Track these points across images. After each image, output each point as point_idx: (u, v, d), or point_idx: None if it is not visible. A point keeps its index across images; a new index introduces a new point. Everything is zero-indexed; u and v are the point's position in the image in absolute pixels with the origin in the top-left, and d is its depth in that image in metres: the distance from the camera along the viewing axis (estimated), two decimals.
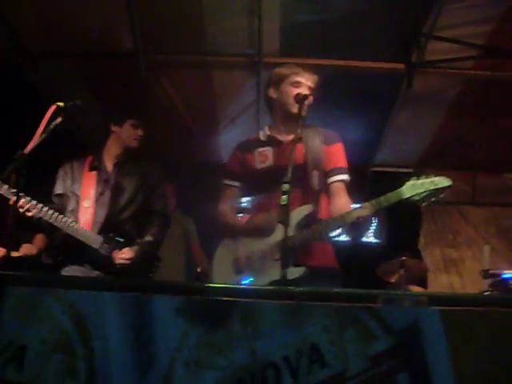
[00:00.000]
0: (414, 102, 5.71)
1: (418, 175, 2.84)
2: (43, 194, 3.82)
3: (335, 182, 3.20)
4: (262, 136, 3.36)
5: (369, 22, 4.77)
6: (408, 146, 6.71)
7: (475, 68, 5.23)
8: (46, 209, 3.67)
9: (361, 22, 4.78)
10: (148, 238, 3.98)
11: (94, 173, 3.97)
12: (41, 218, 3.67)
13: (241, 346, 1.52)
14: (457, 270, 6.95)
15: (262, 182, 3.22)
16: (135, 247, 3.88)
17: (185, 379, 1.50)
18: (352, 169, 3.32)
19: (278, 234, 2.96)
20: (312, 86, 3.26)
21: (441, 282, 6.94)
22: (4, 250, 4.69)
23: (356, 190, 5.01)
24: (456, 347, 1.49)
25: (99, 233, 3.81)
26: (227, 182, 3.39)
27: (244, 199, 3.64)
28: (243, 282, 3.06)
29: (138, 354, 1.53)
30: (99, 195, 3.91)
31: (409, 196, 2.80)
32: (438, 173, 6.90)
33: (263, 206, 3.19)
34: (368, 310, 1.54)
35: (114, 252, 3.79)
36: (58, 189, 3.98)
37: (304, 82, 3.23)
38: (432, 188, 2.80)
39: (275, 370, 1.50)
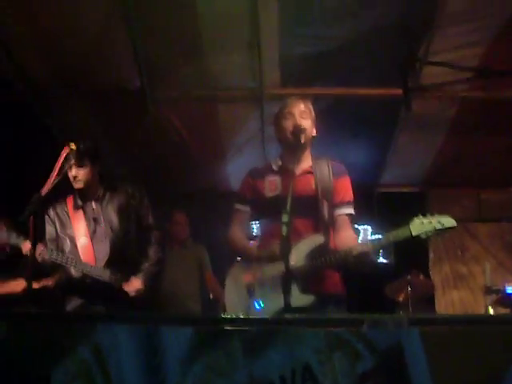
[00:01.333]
0: (414, 124, 5.87)
1: (423, 214, 2.94)
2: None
3: (341, 215, 3.31)
4: (274, 165, 3.47)
5: (365, 50, 4.95)
6: (411, 167, 6.87)
7: (470, 89, 5.40)
8: (54, 252, 3.84)
9: (357, 50, 4.95)
10: (150, 260, 4.07)
11: (80, 212, 4.06)
12: (51, 260, 3.81)
13: (241, 369, 1.69)
14: (467, 285, 7.03)
15: (270, 210, 3.30)
16: (141, 274, 3.98)
17: None
18: (358, 190, 3.45)
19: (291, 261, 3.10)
20: (305, 110, 3.38)
21: (451, 298, 7.03)
22: (25, 283, 4.90)
23: (363, 210, 5.20)
24: (435, 362, 1.65)
25: (106, 267, 3.91)
26: (238, 206, 3.50)
27: (254, 225, 3.75)
28: (256, 306, 3.20)
29: (149, 378, 1.70)
30: (92, 233, 4.01)
31: (416, 234, 2.91)
32: (442, 191, 7.09)
33: (271, 233, 3.28)
34: (355, 333, 1.71)
35: (124, 285, 3.90)
36: (50, 234, 4.06)
37: (294, 111, 3.36)
38: (438, 228, 2.90)
39: None
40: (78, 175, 3.97)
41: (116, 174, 4.40)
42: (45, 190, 3.43)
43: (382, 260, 7.24)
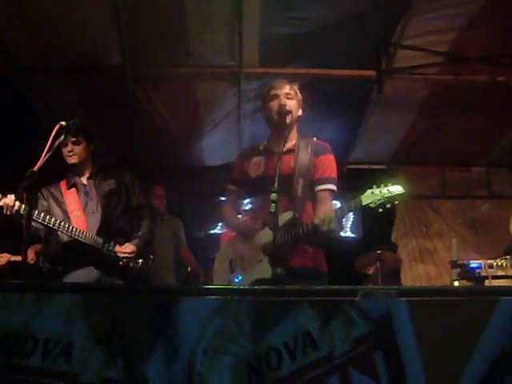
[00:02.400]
0: (384, 105, 6.06)
1: (377, 185, 3.07)
2: None
3: (321, 190, 3.45)
4: (260, 146, 3.65)
5: (342, 33, 5.08)
6: (380, 145, 7.09)
7: (440, 73, 5.63)
8: (48, 217, 3.91)
9: (334, 33, 5.10)
10: (143, 229, 4.25)
11: (73, 190, 4.22)
12: (43, 225, 3.92)
13: (248, 335, 1.89)
14: (432, 259, 7.31)
15: (255, 189, 3.52)
16: (135, 241, 4.16)
17: (205, 364, 1.87)
18: None
19: (262, 238, 3.30)
20: (289, 92, 3.52)
21: (417, 272, 7.30)
22: (8, 256, 4.99)
23: None
24: (420, 329, 1.87)
25: (97, 235, 4.05)
26: (229, 186, 3.70)
27: (244, 202, 3.93)
28: (235, 280, 3.43)
29: (165, 345, 1.88)
30: (84, 206, 4.16)
31: (367, 203, 3.03)
32: (409, 169, 7.34)
33: (257, 210, 3.53)
34: (349, 302, 1.92)
35: (116, 247, 4.06)
36: (43, 206, 4.17)
37: (279, 93, 3.50)
38: (387, 195, 3.03)
39: (277, 353, 1.87)
40: (74, 150, 4.14)
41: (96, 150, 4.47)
42: (37, 166, 3.53)
43: (350, 234, 7.50)
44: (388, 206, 3.03)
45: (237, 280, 3.40)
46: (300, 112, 3.58)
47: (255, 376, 1.86)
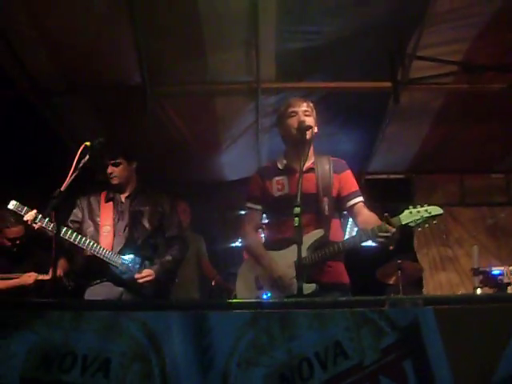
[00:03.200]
0: (401, 115, 6.09)
1: (414, 205, 3.20)
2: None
3: (356, 203, 3.57)
4: (279, 164, 3.69)
5: (357, 45, 5.15)
6: (398, 154, 7.13)
7: (455, 82, 5.66)
8: (74, 235, 4.03)
9: (349, 46, 5.15)
10: (167, 257, 4.30)
11: (110, 204, 4.34)
12: (67, 241, 4.00)
13: (280, 347, 1.94)
14: (453, 267, 7.29)
15: (278, 208, 3.57)
16: (155, 266, 4.21)
17: (239, 376, 1.93)
18: None
19: (292, 254, 3.33)
20: (307, 109, 3.61)
21: (439, 280, 7.28)
22: (35, 275, 5.09)
23: None
24: (447, 337, 1.92)
25: (119, 254, 4.15)
26: (250, 205, 3.74)
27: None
28: (263, 297, 3.46)
29: (200, 358, 1.94)
30: (116, 225, 4.25)
31: (406, 223, 3.17)
32: (427, 177, 7.35)
33: (279, 227, 3.57)
34: (378, 312, 1.97)
35: (136, 274, 4.12)
36: (76, 216, 4.31)
37: (297, 110, 3.59)
38: (426, 216, 3.18)
39: (308, 363, 1.93)
40: (114, 171, 4.28)
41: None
42: (64, 186, 3.63)
43: (371, 244, 7.48)
44: (426, 225, 3.21)
45: (265, 296, 3.44)
46: (316, 129, 3.65)
47: None
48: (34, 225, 3.93)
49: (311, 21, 4.94)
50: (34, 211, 3.96)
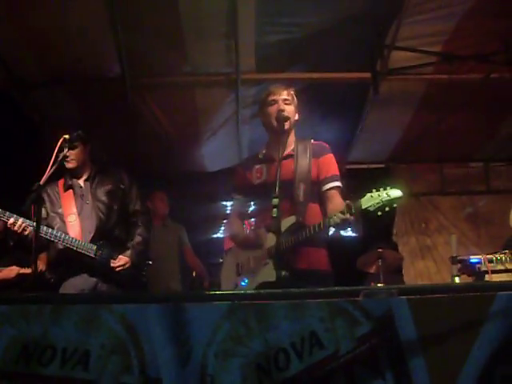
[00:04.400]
0: (381, 105, 6.15)
1: (376, 188, 3.09)
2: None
3: (329, 189, 3.55)
4: (260, 154, 3.74)
5: (336, 36, 5.16)
6: (378, 144, 7.18)
7: (434, 72, 5.71)
8: (43, 228, 3.96)
9: (329, 37, 5.16)
10: (137, 238, 4.31)
11: (70, 192, 4.28)
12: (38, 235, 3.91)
13: (257, 338, 1.97)
14: (431, 256, 7.39)
15: (258, 196, 3.61)
16: (128, 252, 4.22)
17: (216, 366, 1.95)
18: None
19: (267, 242, 3.38)
20: (287, 97, 3.62)
21: (418, 268, 7.38)
22: (17, 269, 5.08)
23: None
24: (421, 326, 1.96)
25: (91, 242, 4.11)
26: (234, 195, 3.83)
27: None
28: (242, 284, 3.52)
29: (178, 349, 1.97)
30: (80, 210, 4.20)
31: (366, 207, 3.06)
32: (408, 166, 7.41)
33: (260, 215, 3.60)
34: (352, 302, 2.00)
35: (111, 262, 4.11)
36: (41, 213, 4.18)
37: (278, 98, 3.61)
38: (386, 199, 3.02)
39: (285, 353, 1.96)
40: (70, 155, 4.17)
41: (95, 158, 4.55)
42: (43, 179, 3.62)
43: (351, 234, 7.57)
44: (387, 209, 3.05)
45: (243, 283, 3.50)
46: (297, 116, 3.68)
47: (264, 376, 1.95)
48: (15, 228, 3.90)
49: (290, 12, 4.95)
50: (13, 216, 3.92)
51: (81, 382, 1.99)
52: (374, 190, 3.09)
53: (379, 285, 5.93)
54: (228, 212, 6.11)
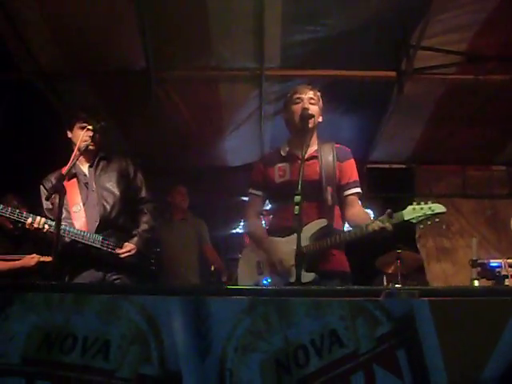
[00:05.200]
0: (404, 105, 6.09)
1: (418, 201, 3.19)
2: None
3: (350, 194, 3.59)
4: (282, 151, 3.71)
5: (362, 35, 5.16)
6: (401, 144, 7.13)
7: (459, 73, 5.67)
8: (48, 221, 3.83)
9: (355, 36, 5.17)
10: (143, 226, 4.16)
11: (74, 180, 4.12)
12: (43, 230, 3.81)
13: (277, 334, 1.98)
14: (450, 258, 7.31)
15: (280, 194, 3.59)
16: (135, 239, 4.07)
17: (235, 361, 1.96)
18: None
19: (293, 242, 3.36)
20: (313, 97, 3.62)
21: (434, 271, 7.32)
22: (38, 257, 5.14)
23: None
24: (441, 328, 1.95)
25: (96, 232, 3.96)
26: (252, 191, 3.77)
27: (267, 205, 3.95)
28: (263, 282, 3.48)
29: (198, 343, 1.98)
30: (85, 199, 4.06)
31: (408, 219, 3.15)
32: (429, 167, 7.34)
33: (281, 213, 3.60)
34: (374, 302, 2.00)
35: (116, 249, 3.97)
36: (47, 204, 4.05)
37: (303, 97, 3.60)
38: (429, 213, 3.13)
39: (304, 350, 1.97)
40: (91, 137, 4.04)
41: (119, 151, 4.53)
42: (66, 169, 3.63)
43: None
44: (429, 223, 3.16)
45: (265, 282, 3.47)
46: (321, 118, 3.67)
47: (284, 372, 1.96)
48: (34, 226, 3.81)
49: (316, 12, 4.95)
50: (31, 216, 3.84)
51: (101, 370, 2.01)
52: (414, 203, 3.18)
53: (397, 285, 5.92)
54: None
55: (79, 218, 4.01)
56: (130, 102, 5.85)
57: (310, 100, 3.60)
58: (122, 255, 3.97)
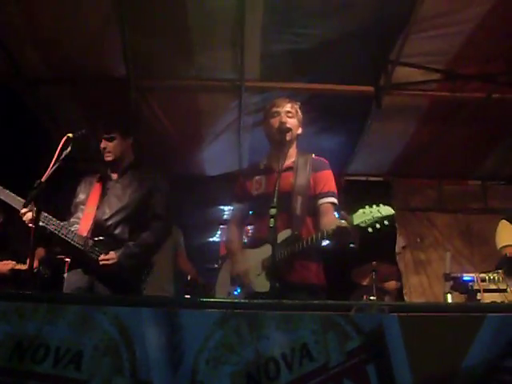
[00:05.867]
0: (383, 119, 6.18)
1: (370, 204, 3.12)
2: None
3: (324, 203, 3.59)
4: (261, 164, 3.77)
5: (341, 49, 5.21)
6: (378, 157, 7.21)
7: (437, 89, 5.75)
8: (44, 215, 3.80)
9: (334, 49, 5.21)
10: (137, 241, 4.02)
11: (101, 183, 4.15)
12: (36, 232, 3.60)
13: (248, 347, 2.00)
14: (425, 271, 7.39)
15: (255, 206, 3.67)
16: (120, 250, 3.94)
17: (207, 373, 1.98)
18: None
19: (262, 253, 3.41)
20: (290, 110, 3.67)
21: (412, 283, 7.38)
22: (13, 263, 5.09)
23: None
24: (410, 343, 1.99)
25: (91, 237, 3.94)
26: (233, 204, 3.90)
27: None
28: (235, 293, 3.54)
29: (170, 354, 1.99)
30: (101, 203, 4.05)
31: (357, 222, 3.09)
32: (406, 181, 7.42)
33: (256, 225, 3.68)
34: (345, 316, 2.03)
35: (101, 256, 3.89)
36: (74, 200, 4.16)
37: (280, 110, 3.66)
38: (377, 216, 3.06)
39: (275, 363, 1.99)
40: (107, 147, 4.10)
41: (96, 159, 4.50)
42: (45, 177, 3.62)
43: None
44: (378, 226, 3.06)
45: (236, 293, 3.52)
46: (300, 130, 3.72)
47: None
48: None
49: (297, 23, 4.99)
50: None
51: (73, 381, 2.01)
52: (366, 206, 3.11)
53: (371, 298, 5.97)
54: (225, 217, 6.12)
55: (87, 219, 4.00)
56: (110, 108, 5.83)
57: (288, 113, 3.66)
58: (101, 262, 3.88)
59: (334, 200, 3.61)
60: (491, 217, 7.29)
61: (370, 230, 3.07)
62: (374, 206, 3.09)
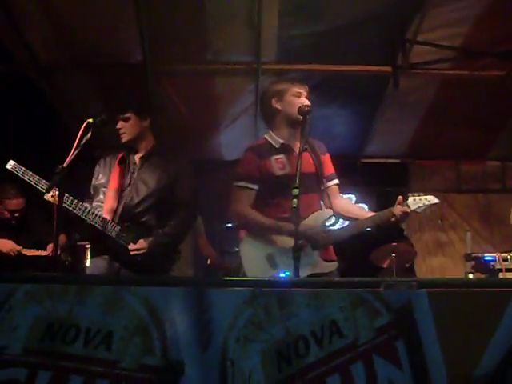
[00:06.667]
0: (399, 100, 6.14)
1: (412, 193, 3.43)
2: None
3: (333, 185, 3.72)
4: (273, 143, 3.67)
5: (358, 30, 5.20)
6: (395, 139, 7.16)
7: (454, 68, 5.71)
8: (70, 199, 3.72)
9: (351, 30, 5.20)
10: (166, 229, 3.91)
11: (122, 166, 4.01)
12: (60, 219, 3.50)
13: (278, 324, 2.01)
14: (444, 252, 7.38)
15: (278, 187, 3.52)
16: (150, 239, 3.85)
17: (237, 351, 1.99)
18: (343, 160, 3.84)
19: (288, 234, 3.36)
20: (307, 95, 3.67)
21: (429, 264, 7.38)
22: (13, 245, 5.08)
23: (348, 180, 5.49)
24: (439, 319, 1.98)
25: (118, 223, 3.85)
26: (244, 184, 3.59)
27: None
28: (280, 276, 3.38)
29: (200, 333, 2.01)
30: (124, 187, 3.95)
31: (414, 208, 3.36)
32: (424, 162, 7.36)
33: (276, 207, 3.53)
34: (373, 293, 2.03)
35: (129, 244, 3.82)
36: (93, 182, 4.04)
37: (303, 92, 3.64)
38: (427, 203, 3.39)
39: (305, 341, 2.00)
40: (123, 128, 3.98)
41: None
42: (66, 162, 3.60)
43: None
44: (427, 211, 3.42)
45: (283, 275, 3.38)
46: None
47: (284, 362, 1.98)
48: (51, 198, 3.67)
49: (313, 5, 4.96)
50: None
51: (103, 361, 2.02)
52: (416, 194, 3.42)
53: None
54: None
55: (109, 203, 3.89)
56: (127, 94, 5.83)
57: (307, 96, 3.66)
58: (132, 252, 3.81)
59: (338, 181, 3.78)
60: (510, 197, 7.25)
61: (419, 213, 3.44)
62: (422, 195, 3.41)
